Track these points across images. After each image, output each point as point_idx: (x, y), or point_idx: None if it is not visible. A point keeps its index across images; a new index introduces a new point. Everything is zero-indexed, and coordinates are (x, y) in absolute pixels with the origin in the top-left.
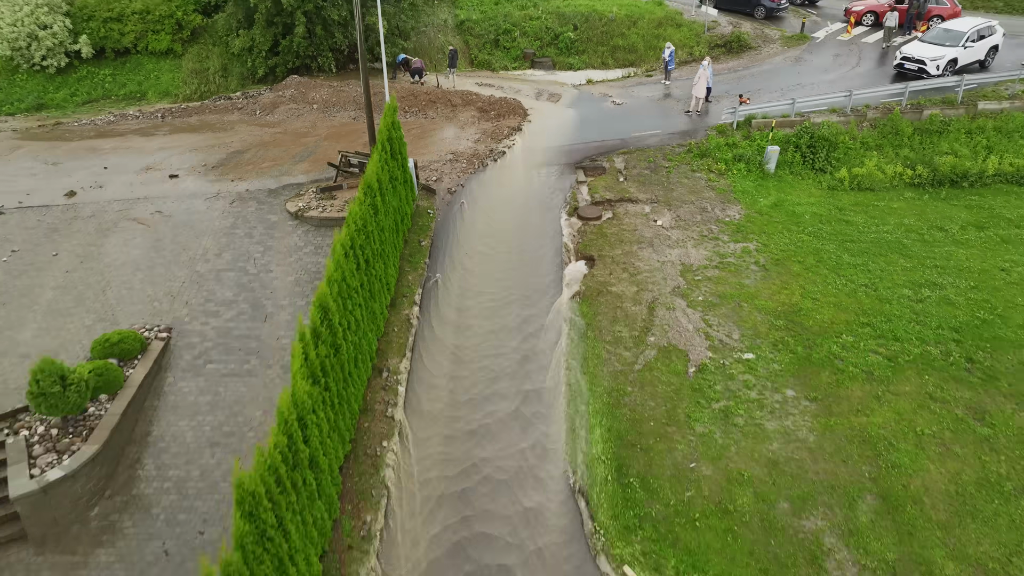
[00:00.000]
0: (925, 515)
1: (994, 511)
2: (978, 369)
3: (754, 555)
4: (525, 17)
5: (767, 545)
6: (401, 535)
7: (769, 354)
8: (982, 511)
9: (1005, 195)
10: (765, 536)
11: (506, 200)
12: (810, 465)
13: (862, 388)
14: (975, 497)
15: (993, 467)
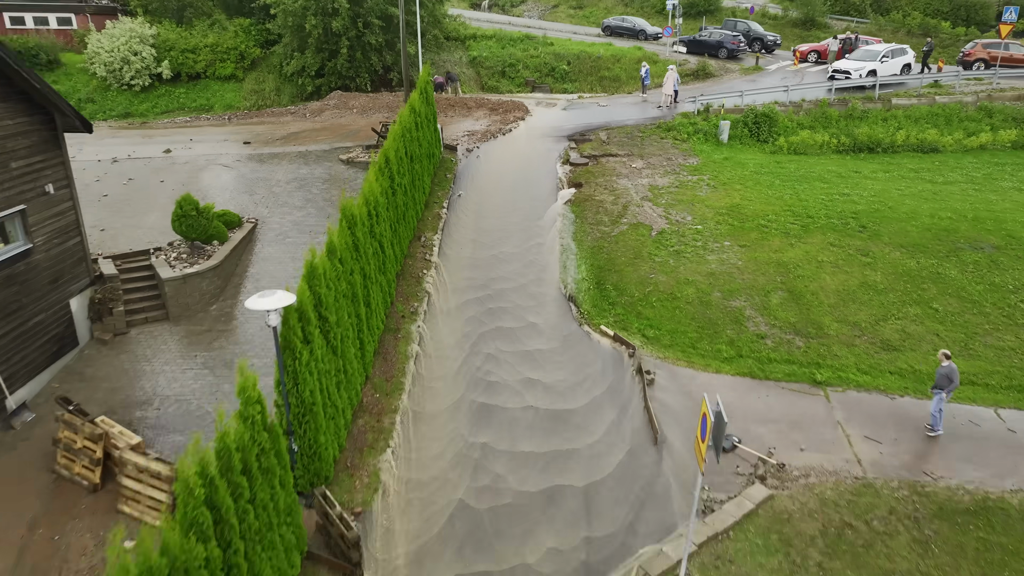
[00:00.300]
0: (819, 301)
1: (868, 299)
2: (867, 231)
3: (694, 320)
4: (527, 56)
5: (704, 314)
6: (439, 313)
7: (713, 226)
8: (860, 298)
9: (910, 157)
10: (703, 310)
11: (513, 155)
12: (738, 275)
13: (780, 240)
14: (856, 292)
15: (871, 277)
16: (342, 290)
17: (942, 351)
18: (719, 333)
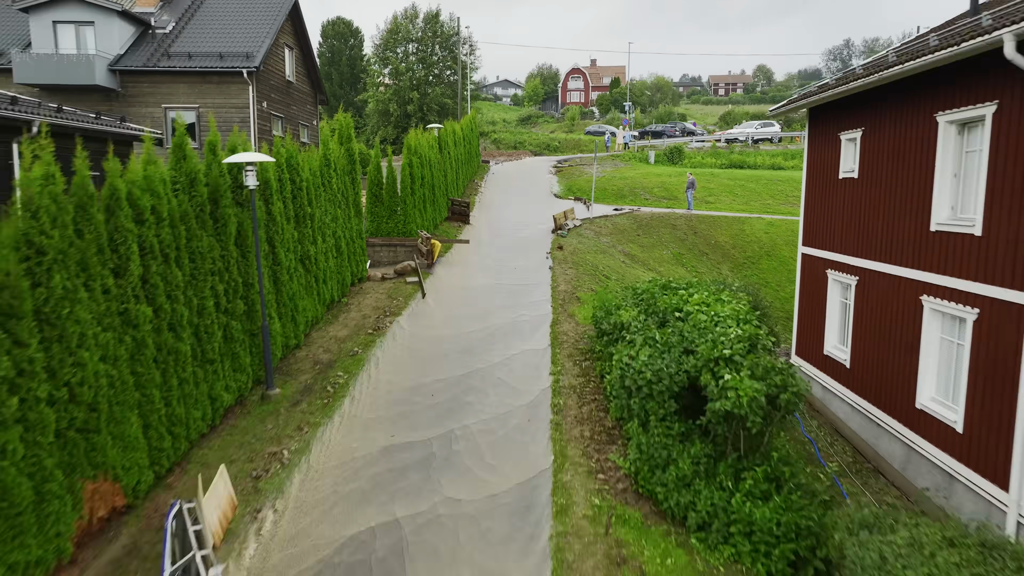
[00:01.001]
0: (672, 187)
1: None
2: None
3: (617, 193)
4: (529, 137)
5: (621, 191)
6: (483, 204)
7: (632, 174)
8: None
9: (771, 169)
10: (621, 188)
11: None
12: (640, 180)
13: (656, 176)
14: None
15: (710, 185)
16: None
17: (689, 172)
18: (627, 197)
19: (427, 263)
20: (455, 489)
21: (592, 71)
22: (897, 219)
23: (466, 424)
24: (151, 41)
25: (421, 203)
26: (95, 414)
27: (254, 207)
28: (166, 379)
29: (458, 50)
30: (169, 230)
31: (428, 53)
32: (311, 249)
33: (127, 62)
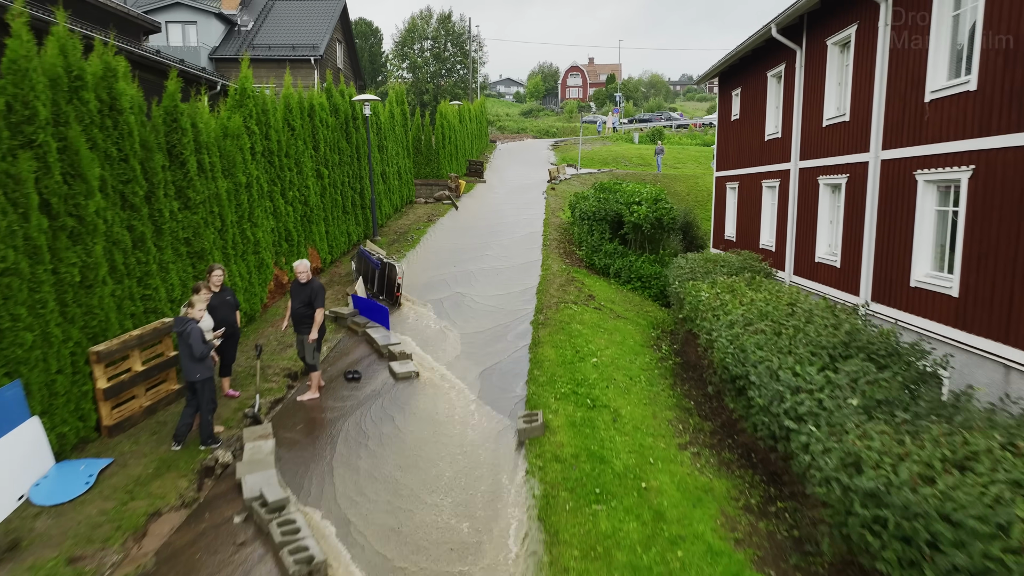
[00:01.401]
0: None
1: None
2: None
3: (596, 159)
4: (531, 125)
5: (604, 159)
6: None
7: (615, 147)
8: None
9: None
10: (603, 158)
11: (522, 145)
12: (618, 154)
13: (625, 148)
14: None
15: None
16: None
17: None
18: (609, 164)
19: (456, 195)
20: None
21: (590, 68)
22: (751, 138)
23: (484, 261)
24: (237, 36)
25: (449, 157)
26: (312, 225)
27: (368, 130)
28: (335, 217)
29: (469, 47)
30: (330, 132)
31: (441, 50)
32: (388, 169)
33: (222, 52)
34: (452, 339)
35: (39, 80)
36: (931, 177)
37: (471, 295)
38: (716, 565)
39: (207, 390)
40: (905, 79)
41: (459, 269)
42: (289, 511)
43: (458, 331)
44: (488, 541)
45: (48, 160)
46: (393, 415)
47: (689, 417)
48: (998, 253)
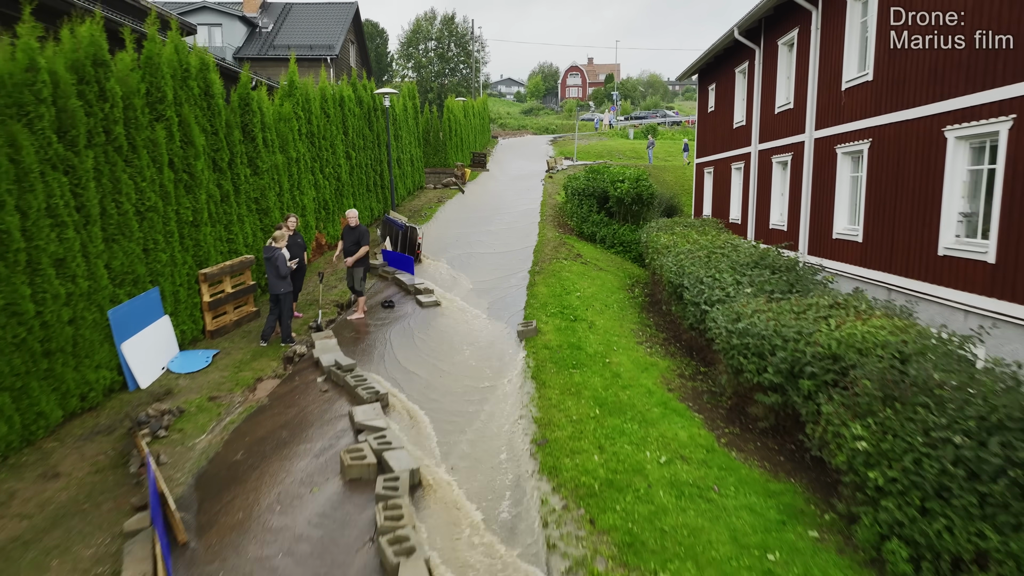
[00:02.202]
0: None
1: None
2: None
3: (592, 152)
4: (531, 122)
5: (597, 152)
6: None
7: (608, 141)
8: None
9: None
10: (596, 151)
11: (523, 141)
12: (613, 145)
13: (618, 143)
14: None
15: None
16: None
17: (651, 136)
18: (604, 157)
19: (462, 182)
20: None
21: (589, 68)
22: (723, 127)
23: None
24: (258, 37)
25: (455, 148)
26: (343, 198)
27: (387, 118)
28: (360, 193)
29: (472, 47)
30: (356, 120)
31: (445, 50)
32: (402, 156)
33: (244, 52)
34: (464, 283)
35: (165, 71)
36: (846, 150)
37: (478, 253)
38: (651, 398)
39: (287, 301)
40: (830, 73)
41: (468, 236)
42: (357, 371)
43: (469, 278)
44: (496, 387)
45: (172, 130)
46: (423, 326)
47: (647, 328)
48: (884, 205)
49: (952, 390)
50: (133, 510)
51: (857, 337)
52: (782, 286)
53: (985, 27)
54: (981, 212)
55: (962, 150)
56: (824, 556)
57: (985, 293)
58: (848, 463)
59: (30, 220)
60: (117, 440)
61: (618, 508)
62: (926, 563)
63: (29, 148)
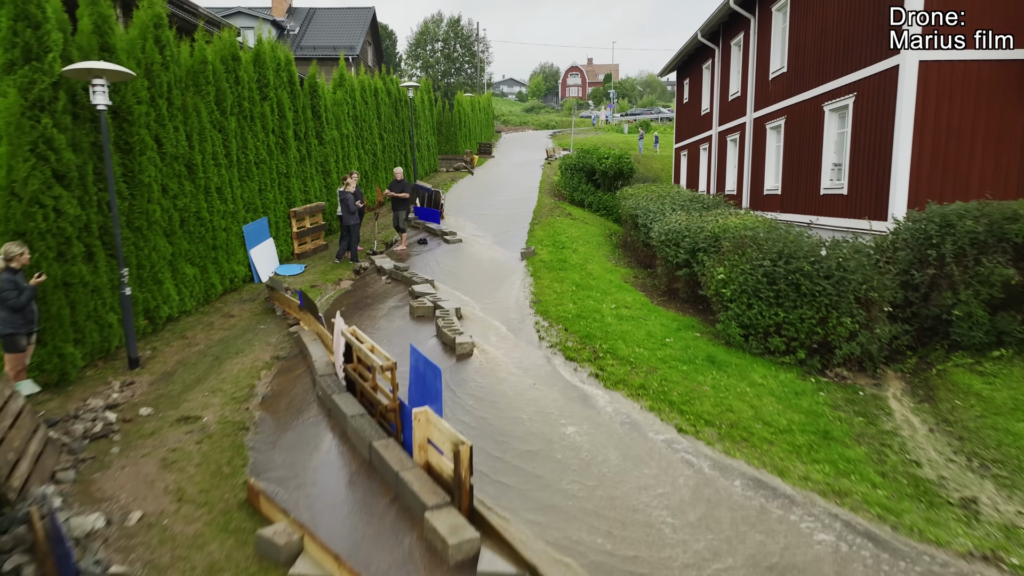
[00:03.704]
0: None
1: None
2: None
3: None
4: (533, 119)
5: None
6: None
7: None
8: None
9: None
10: None
11: (524, 136)
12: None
13: (611, 136)
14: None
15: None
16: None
17: (640, 128)
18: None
19: (470, 166)
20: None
21: (589, 68)
22: (694, 115)
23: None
24: (286, 39)
25: (464, 137)
26: (378, 171)
27: (412, 108)
28: (389, 168)
29: (476, 48)
30: (386, 108)
31: (451, 50)
32: (420, 142)
33: None
34: (478, 230)
35: (268, 64)
36: (772, 125)
37: (488, 213)
38: (611, 284)
39: (355, 232)
40: (763, 67)
41: (478, 203)
42: (410, 271)
43: (482, 227)
44: (507, 281)
45: (273, 107)
46: (451, 253)
47: (616, 255)
48: (792, 166)
49: (769, 242)
50: (288, 325)
51: (728, 225)
52: (700, 209)
53: (841, 32)
54: (845, 162)
55: (833, 119)
56: (698, 340)
57: (842, 216)
58: (715, 290)
59: (205, 160)
60: (259, 304)
61: (581, 324)
62: (752, 336)
63: (204, 112)
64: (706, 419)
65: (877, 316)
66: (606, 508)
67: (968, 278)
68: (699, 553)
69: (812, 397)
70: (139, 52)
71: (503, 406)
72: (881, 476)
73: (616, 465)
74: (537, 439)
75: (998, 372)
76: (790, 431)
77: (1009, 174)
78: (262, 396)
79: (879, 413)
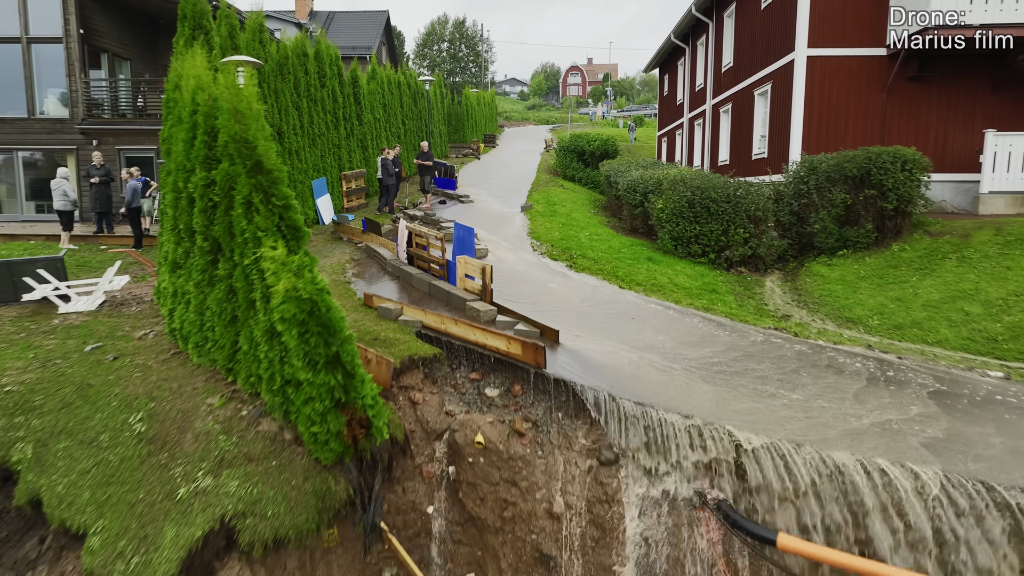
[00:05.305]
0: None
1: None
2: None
3: None
4: (534, 115)
5: None
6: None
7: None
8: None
9: None
10: None
11: (526, 130)
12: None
13: (606, 129)
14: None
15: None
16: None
17: (631, 122)
18: None
19: (477, 154)
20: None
21: (588, 68)
22: (672, 105)
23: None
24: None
25: (471, 128)
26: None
27: (428, 99)
28: (410, 149)
29: (480, 47)
30: (407, 99)
31: (456, 50)
32: (434, 129)
33: None
34: (486, 195)
35: (325, 59)
36: (724, 110)
37: (494, 186)
38: (589, 223)
39: (393, 189)
40: (719, 62)
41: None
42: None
43: (489, 193)
44: (509, 223)
45: (329, 93)
46: (466, 209)
47: (597, 211)
48: (736, 140)
49: (692, 181)
50: (355, 245)
51: (669, 174)
52: (653, 168)
53: (765, 34)
54: (767, 133)
55: (760, 101)
56: (643, 250)
57: (764, 174)
58: (656, 216)
59: (289, 129)
60: (327, 236)
61: (563, 243)
62: (680, 245)
63: (287, 94)
64: (638, 282)
65: (764, 230)
66: (562, 306)
67: (824, 203)
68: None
69: (712, 276)
70: (251, 49)
71: (509, 276)
72: (739, 306)
73: (572, 295)
74: (531, 287)
75: (837, 264)
76: (690, 289)
77: (871, 136)
78: (351, 273)
79: (755, 286)
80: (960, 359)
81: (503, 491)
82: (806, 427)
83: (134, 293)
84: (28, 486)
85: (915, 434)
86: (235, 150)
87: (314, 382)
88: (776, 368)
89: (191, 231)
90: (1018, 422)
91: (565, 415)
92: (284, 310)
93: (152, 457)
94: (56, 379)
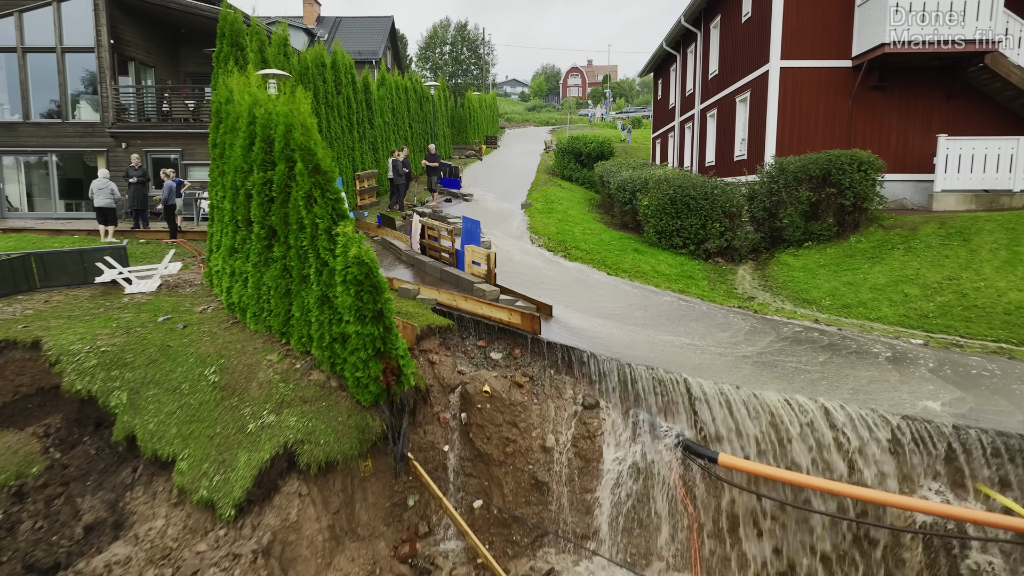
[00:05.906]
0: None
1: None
2: None
3: None
4: (534, 117)
5: None
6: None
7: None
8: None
9: None
10: None
11: (526, 132)
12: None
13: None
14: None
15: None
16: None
17: (628, 124)
18: None
19: (479, 155)
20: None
21: (588, 69)
22: (665, 108)
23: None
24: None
25: (473, 130)
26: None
27: (433, 104)
28: (417, 151)
29: (482, 50)
30: (414, 104)
31: (458, 53)
32: (438, 131)
33: None
34: (488, 193)
35: (340, 67)
36: (711, 114)
37: (496, 185)
38: (583, 219)
39: (403, 188)
40: (705, 69)
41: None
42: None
43: (491, 192)
44: (510, 219)
45: (344, 100)
46: (470, 206)
47: (592, 210)
48: (720, 143)
49: (674, 180)
50: (370, 238)
51: (656, 174)
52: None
53: (745, 44)
54: (746, 136)
55: (742, 107)
56: (631, 243)
57: (743, 174)
58: (643, 212)
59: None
60: None
61: (559, 236)
62: (663, 238)
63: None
64: (624, 270)
65: (739, 224)
66: (556, 288)
67: (792, 200)
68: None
69: (691, 265)
70: (277, 61)
71: (511, 264)
72: (711, 290)
73: (566, 279)
74: (529, 273)
75: (802, 254)
76: (669, 276)
77: (839, 140)
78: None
79: (728, 274)
80: (892, 331)
81: (505, 431)
82: (730, 364)
83: (184, 278)
84: (124, 425)
85: (811, 372)
86: (300, 156)
87: (362, 333)
88: (732, 336)
89: (248, 221)
90: (914, 371)
91: (556, 371)
92: (350, 272)
93: (225, 400)
94: (140, 342)
